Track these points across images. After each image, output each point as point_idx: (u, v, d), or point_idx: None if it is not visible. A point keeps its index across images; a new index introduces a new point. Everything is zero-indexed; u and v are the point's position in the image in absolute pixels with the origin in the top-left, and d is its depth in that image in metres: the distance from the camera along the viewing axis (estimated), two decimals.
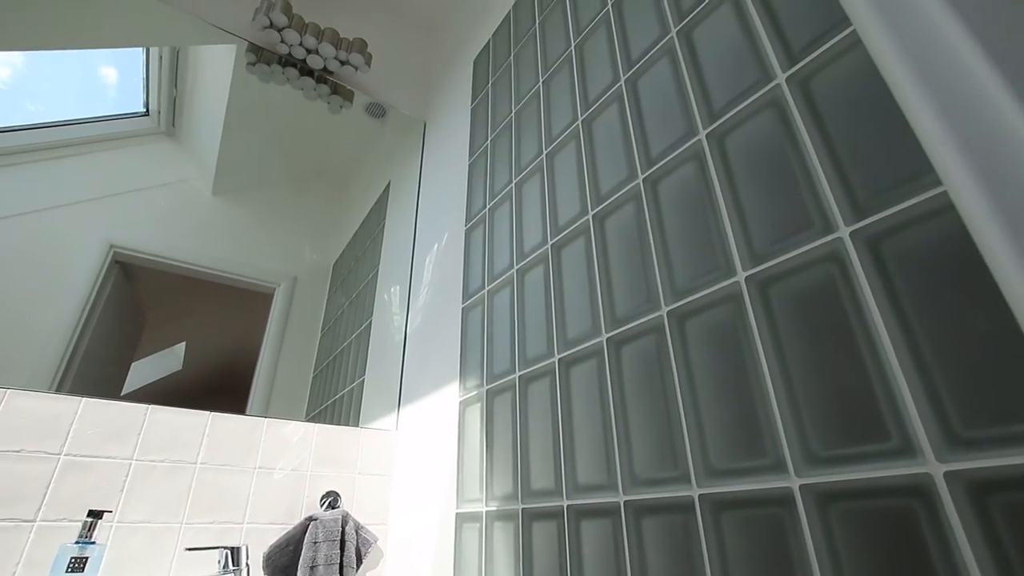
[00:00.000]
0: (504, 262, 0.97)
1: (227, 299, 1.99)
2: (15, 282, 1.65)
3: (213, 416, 1.03)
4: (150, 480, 0.94)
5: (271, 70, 1.60)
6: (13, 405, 0.88)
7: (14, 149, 1.66)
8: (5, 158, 1.63)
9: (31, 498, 0.84)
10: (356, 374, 1.37)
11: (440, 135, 1.60)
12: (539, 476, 0.75)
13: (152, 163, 1.90)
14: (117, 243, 1.73)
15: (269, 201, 2.02)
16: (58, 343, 1.54)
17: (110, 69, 1.60)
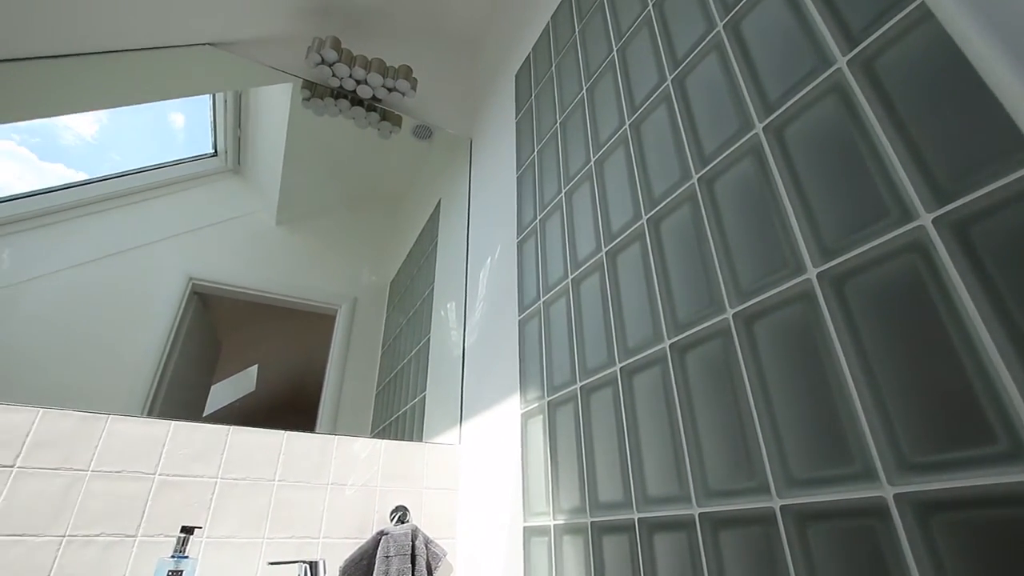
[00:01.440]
0: (558, 272, 0.97)
1: (294, 322, 2.09)
2: (110, 316, 1.80)
3: (288, 435, 1.08)
4: (233, 497, 1.00)
5: (324, 103, 1.69)
6: (113, 429, 0.96)
7: (106, 196, 1.82)
8: (99, 204, 1.79)
9: (132, 515, 0.91)
10: (417, 390, 1.40)
11: (486, 151, 1.63)
12: (607, 488, 0.74)
13: (222, 199, 2.04)
14: (195, 275, 1.85)
15: (328, 227, 2.12)
16: (147, 370, 1.67)
17: (178, 115, 1.73)
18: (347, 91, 1.69)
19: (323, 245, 2.08)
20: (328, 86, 1.68)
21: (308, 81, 1.67)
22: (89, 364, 1.67)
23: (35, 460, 0.88)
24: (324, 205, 2.12)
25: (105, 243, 1.84)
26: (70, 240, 1.81)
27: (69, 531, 0.87)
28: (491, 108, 1.67)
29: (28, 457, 0.88)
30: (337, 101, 1.69)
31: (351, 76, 1.63)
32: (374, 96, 1.70)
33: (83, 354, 1.67)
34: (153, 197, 1.97)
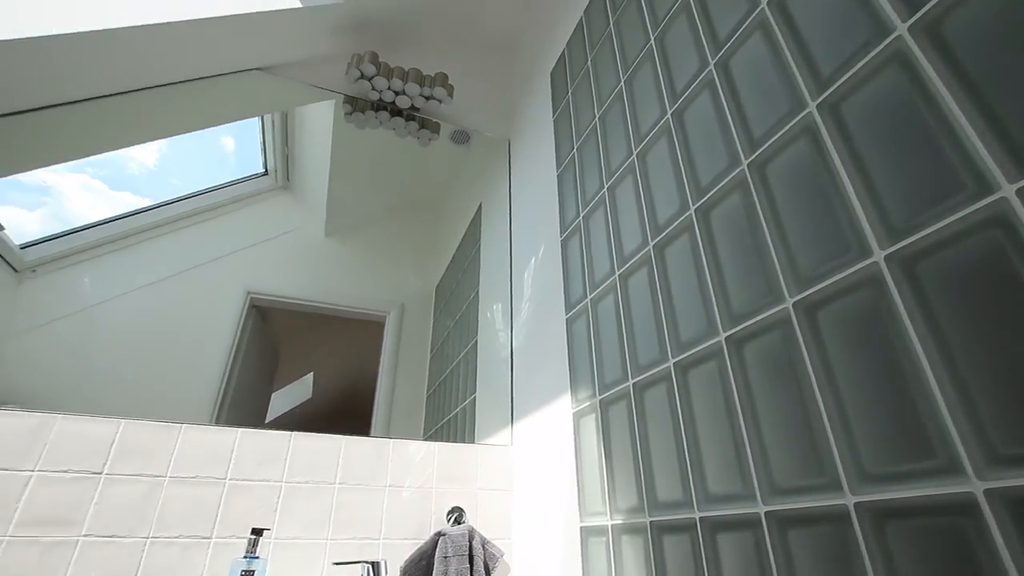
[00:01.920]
0: (604, 269, 0.96)
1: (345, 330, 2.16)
2: (180, 331, 1.91)
3: (346, 440, 1.12)
4: (298, 500, 1.04)
5: (365, 117, 1.74)
6: (187, 438, 1.01)
7: (169, 219, 1.93)
8: (165, 227, 1.90)
9: (207, 518, 0.97)
10: (467, 392, 1.42)
11: (525, 151, 1.63)
12: (665, 487, 0.72)
13: (274, 216, 2.13)
14: (252, 289, 1.94)
15: (374, 236, 2.17)
16: (214, 381, 1.76)
17: (229, 139, 1.82)
18: (386, 103, 1.74)
19: (370, 254, 2.14)
20: (368, 99, 1.72)
21: (349, 96, 1.72)
22: (163, 377, 1.78)
23: (120, 467, 0.95)
24: (370, 215, 2.17)
25: (171, 263, 1.95)
26: (141, 262, 1.94)
27: (152, 533, 0.92)
28: (527, 108, 1.67)
29: (114, 464, 0.95)
30: (377, 113, 1.73)
31: (389, 88, 1.67)
32: (412, 106, 1.74)
33: (157, 367, 1.78)
34: (212, 217, 2.08)
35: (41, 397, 1.74)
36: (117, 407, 1.06)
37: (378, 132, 1.79)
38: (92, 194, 1.89)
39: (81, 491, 0.91)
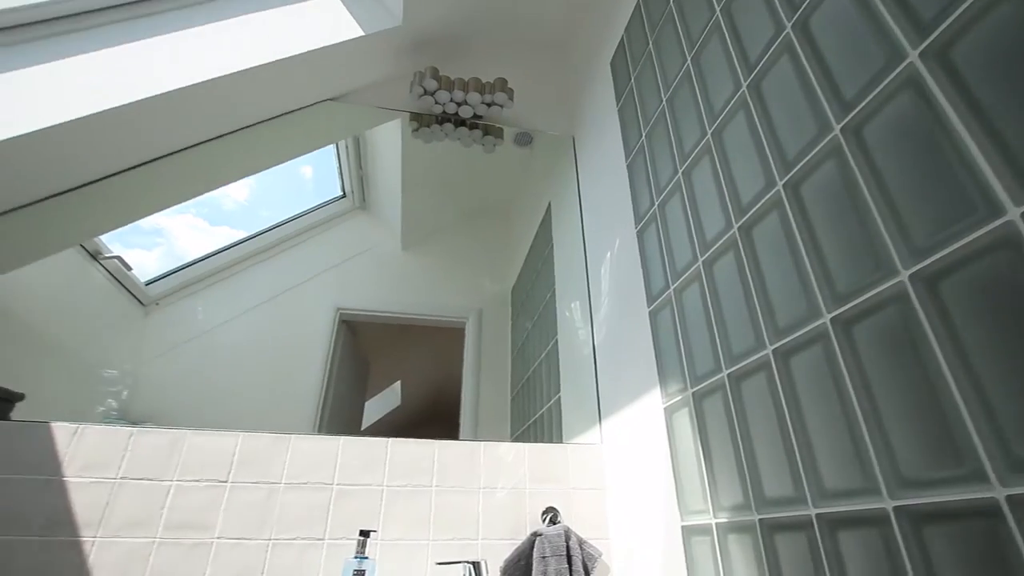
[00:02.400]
0: (686, 257, 0.92)
1: (428, 338, 2.23)
2: (281, 349, 2.06)
3: (439, 444, 1.15)
4: (398, 503, 1.08)
5: (431, 131, 1.79)
6: (296, 447, 1.09)
7: (262, 248, 2.09)
8: (260, 255, 2.06)
9: (319, 520, 1.03)
10: (551, 392, 1.41)
11: (590, 145, 1.60)
12: (773, 482, 0.68)
13: (355, 235, 2.24)
14: (341, 305, 2.05)
15: (448, 245, 2.23)
16: (313, 393, 1.88)
17: (307, 167, 1.94)
18: (450, 115, 1.78)
19: (446, 263, 2.20)
20: (432, 113, 1.78)
21: (414, 113, 1.79)
22: (270, 391, 1.93)
23: (242, 476, 1.04)
24: (442, 225, 2.23)
25: (269, 287, 2.11)
26: (243, 288, 2.11)
27: (273, 535, 1.00)
28: (589, 102, 1.65)
29: (237, 473, 1.04)
30: (442, 126, 1.78)
31: (452, 99, 1.71)
32: (475, 114, 1.77)
33: (265, 383, 1.93)
34: (300, 242, 2.23)
35: (172, 415, 1.95)
36: (234, 421, 1.17)
37: (444, 144, 1.84)
38: (196, 231, 2.10)
39: (212, 498, 1.01)
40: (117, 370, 1.86)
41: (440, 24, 1.71)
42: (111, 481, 0.99)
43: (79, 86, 1.22)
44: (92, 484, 0.98)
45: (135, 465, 1.01)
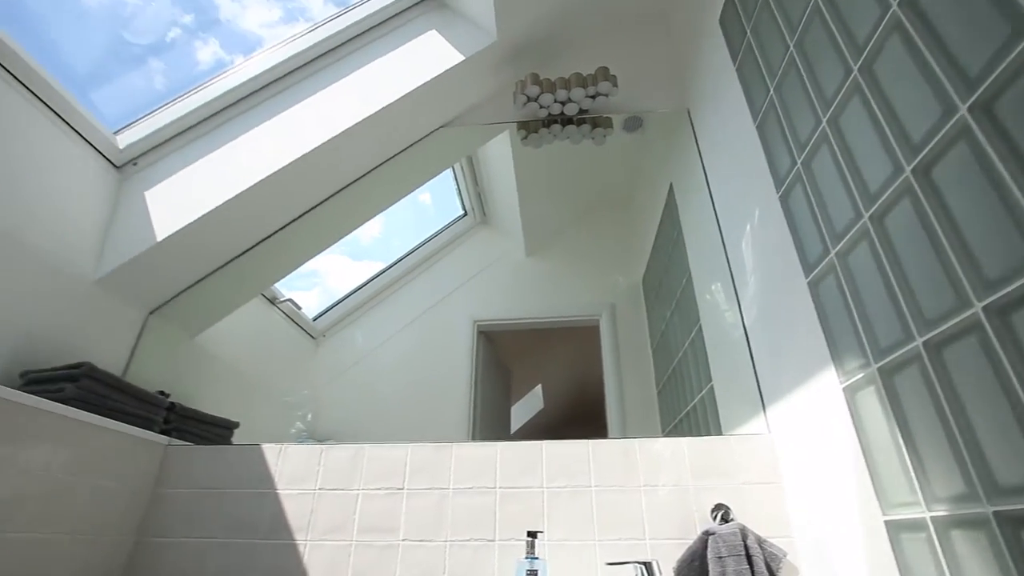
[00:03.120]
0: (847, 215, 0.81)
1: (563, 339, 2.24)
2: (430, 363, 2.21)
3: (592, 443, 1.14)
4: (559, 504, 1.09)
5: (540, 135, 1.81)
6: (458, 454, 1.16)
7: (401, 274, 2.26)
8: (400, 281, 2.23)
9: (487, 522, 1.08)
10: (702, 381, 1.33)
11: (709, 115, 1.49)
12: (1007, 467, 0.56)
13: (481, 249, 2.34)
14: (477, 317, 2.15)
15: (570, 245, 2.22)
16: (464, 403, 1.98)
17: (426, 194, 2.06)
18: (556, 115, 1.78)
19: (571, 262, 2.19)
20: (538, 118, 1.79)
21: (521, 122, 1.82)
22: (426, 403, 2.08)
23: (415, 483, 1.13)
24: (563, 225, 2.24)
25: (411, 309, 2.29)
26: (390, 313, 2.32)
27: (449, 537, 1.07)
28: (702, 68, 1.54)
29: (410, 481, 1.13)
30: (550, 128, 1.79)
31: (556, 100, 1.71)
32: (580, 109, 1.75)
33: (420, 396, 2.08)
34: (433, 263, 2.38)
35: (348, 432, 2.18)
36: (397, 433, 1.28)
37: (554, 146, 1.84)
38: (343, 267, 2.35)
39: (393, 504, 1.11)
40: (300, 396, 2.15)
41: (533, 29, 1.72)
42: (312, 492, 1.14)
43: (253, 155, 1.44)
44: (298, 495, 1.14)
45: (328, 477, 1.15)
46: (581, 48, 1.85)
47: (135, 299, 1.41)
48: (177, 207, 1.37)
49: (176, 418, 1.30)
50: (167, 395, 1.30)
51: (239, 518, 1.13)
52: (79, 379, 1.06)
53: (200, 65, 1.69)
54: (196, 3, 1.68)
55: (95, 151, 1.39)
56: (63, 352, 1.17)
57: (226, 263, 1.54)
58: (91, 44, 1.53)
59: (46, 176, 1.22)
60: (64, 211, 1.25)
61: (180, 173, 1.44)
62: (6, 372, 1.05)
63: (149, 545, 1.13)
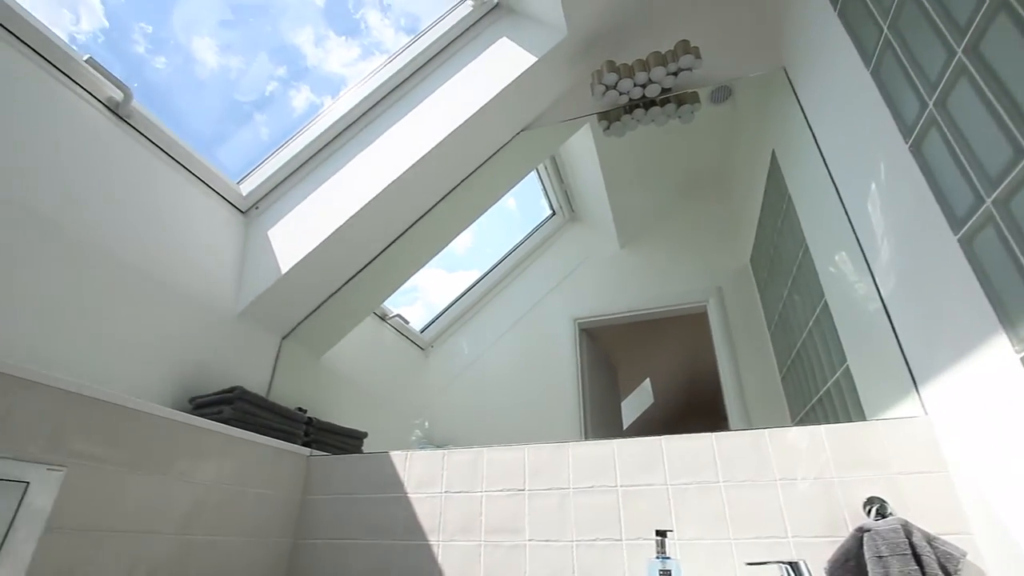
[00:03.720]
0: (1002, 155, 0.69)
1: (668, 330, 2.15)
2: (535, 365, 2.23)
3: (715, 436, 1.08)
4: (686, 501, 1.04)
5: (622, 123, 1.76)
6: (575, 453, 1.15)
7: (497, 280, 2.30)
8: (497, 288, 2.28)
9: (612, 522, 1.06)
10: (834, 362, 1.21)
11: (810, 69, 1.36)
12: None
13: (573, 246, 2.33)
14: (576, 315, 2.13)
15: (666, 231, 2.14)
16: (572, 403, 1.98)
17: (511, 200, 2.08)
18: (637, 100, 1.72)
19: (668, 249, 2.10)
20: (619, 106, 1.74)
21: (601, 113, 1.78)
22: (534, 405, 2.10)
23: (535, 484, 1.14)
24: (656, 212, 2.16)
25: (511, 313, 2.32)
26: (490, 320, 2.37)
27: (575, 537, 1.07)
28: (796, 21, 1.40)
29: (530, 482, 1.15)
30: (632, 114, 1.73)
31: (636, 84, 1.66)
32: (663, 89, 1.68)
33: (528, 399, 2.11)
34: (527, 267, 2.40)
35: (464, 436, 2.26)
36: (511, 435, 1.30)
37: (638, 132, 1.78)
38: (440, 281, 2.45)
39: (516, 505, 1.13)
40: (417, 405, 2.27)
41: (602, 17, 1.68)
42: (439, 495, 1.20)
43: (353, 185, 1.56)
44: (427, 498, 1.20)
45: (452, 480, 1.20)
46: (656, 26, 1.78)
47: (270, 327, 1.58)
48: (295, 241, 1.52)
49: (314, 431, 1.43)
50: (304, 411, 1.44)
51: (376, 521, 1.21)
52: (234, 401, 1.20)
53: (296, 111, 1.87)
54: (286, 56, 1.85)
55: (225, 201, 1.58)
56: (219, 378, 1.34)
57: (341, 287, 1.67)
58: (209, 108, 1.75)
59: (190, 228, 1.41)
60: (207, 257, 1.43)
61: (294, 210, 1.59)
62: (178, 398, 1.23)
63: (304, 546, 1.25)
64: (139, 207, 1.27)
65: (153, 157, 1.35)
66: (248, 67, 1.81)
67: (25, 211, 1.00)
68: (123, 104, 1.27)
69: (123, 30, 1.44)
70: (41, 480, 0.80)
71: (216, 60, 1.71)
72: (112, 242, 1.16)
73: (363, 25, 1.95)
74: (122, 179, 1.25)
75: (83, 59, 1.20)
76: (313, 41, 1.88)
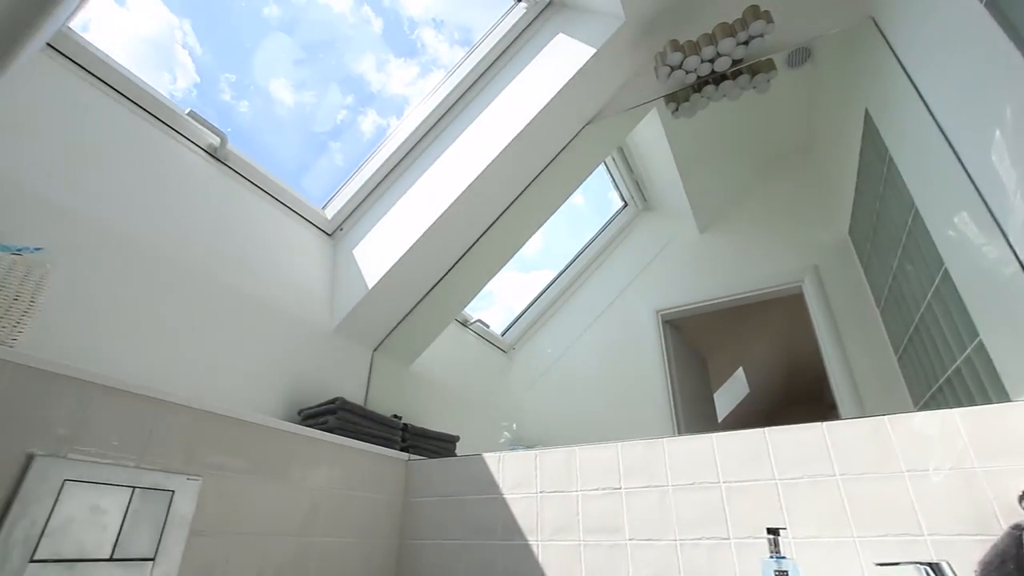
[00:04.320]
0: None
1: (759, 315, 2.03)
2: (618, 361, 2.18)
3: (827, 426, 1.00)
4: (798, 496, 0.97)
5: (692, 103, 1.68)
6: (670, 450, 1.11)
7: (573, 278, 2.28)
8: (574, 285, 2.26)
9: (718, 520, 1.01)
10: (964, 337, 1.07)
11: (903, 12, 1.22)
12: None
13: (649, 237, 2.26)
14: (659, 307, 2.07)
15: (749, 211, 2.01)
16: (662, 398, 1.91)
17: (579, 197, 2.03)
18: (706, 76, 1.64)
19: (752, 230, 1.98)
20: (687, 85, 1.67)
21: (669, 95, 1.71)
22: (621, 401, 2.05)
23: (630, 482, 1.12)
24: (735, 192, 2.04)
25: (590, 310, 2.29)
26: (568, 318, 2.35)
27: (678, 536, 1.03)
28: None
29: (626, 480, 1.12)
30: (701, 92, 1.65)
31: (703, 60, 1.58)
32: (733, 61, 1.59)
33: (615, 395, 2.07)
34: (603, 261, 2.36)
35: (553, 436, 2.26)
36: (599, 432, 1.27)
37: (709, 110, 1.70)
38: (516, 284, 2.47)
39: (613, 504, 1.11)
40: (503, 407, 2.30)
41: None
42: (535, 495, 1.20)
43: (427, 198, 1.62)
44: (522, 498, 1.21)
45: (546, 480, 1.20)
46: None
47: (362, 340, 1.67)
48: (378, 257, 1.60)
49: (410, 436, 1.49)
50: (399, 417, 1.50)
51: (476, 521, 1.24)
52: (337, 411, 1.28)
53: (365, 135, 1.97)
54: (352, 85, 1.96)
55: (313, 226, 1.69)
56: (321, 390, 1.44)
57: (423, 297, 1.73)
58: (291, 142, 1.88)
59: (285, 254, 1.53)
60: (302, 279, 1.55)
61: (375, 228, 1.68)
62: (288, 411, 1.33)
63: (410, 547, 1.31)
64: (240, 238, 1.40)
65: (249, 192, 1.48)
66: (320, 100, 1.93)
67: (141, 247, 1.13)
68: (220, 148, 1.40)
69: (211, 82, 1.59)
70: (183, 488, 0.89)
71: (292, 98, 1.85)
72: (220, 272, 1.28)
73: (419, 44, 2.02)
74: (224, 215, 1.38)
75: (185, 112, 1.34)
76: (375, 67, 1.97)
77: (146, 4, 1.42)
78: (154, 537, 0.83)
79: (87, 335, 0.98)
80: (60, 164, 1.04)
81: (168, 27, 1.48)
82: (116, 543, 0.79)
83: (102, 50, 1.18)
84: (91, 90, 1.16)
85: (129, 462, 0.84)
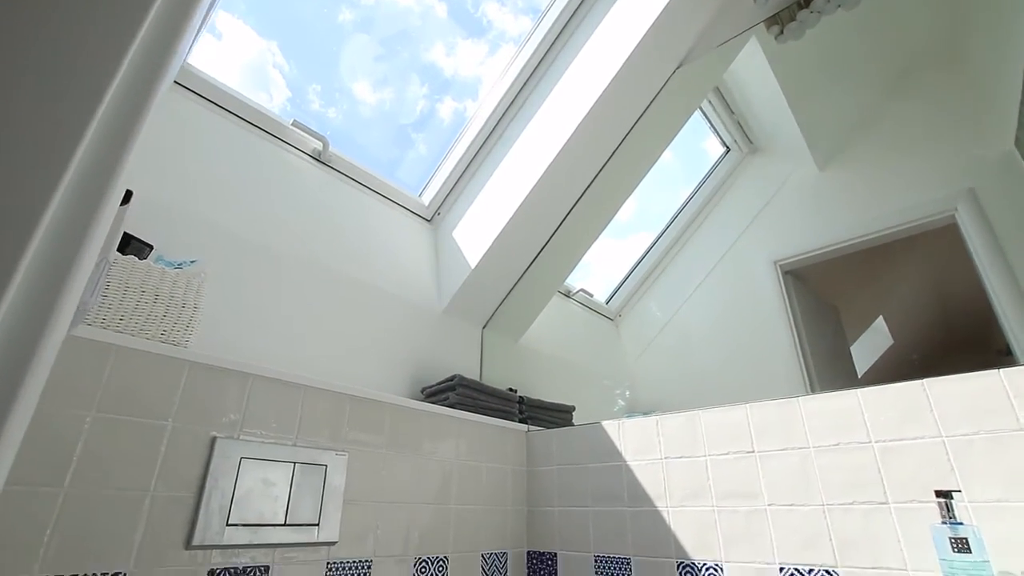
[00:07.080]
0: None
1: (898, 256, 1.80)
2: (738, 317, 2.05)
3: (1006, 372, 0.85)
4: (974, 456, 0.85)
5: (799, 22, 1.49)
6: (807, 409, 1.02)
7: (676, 236, 2.17)
8: (678, 244, 2.15)
9: (872, 483, 0.92)
10: None
11: None
12: None
13: (758, 181, 2.07)
14: (777, 258, 1.90)
15: (877, 136, 1.77)
16: (789, 355, 1.77)
17: (667, 153, 1.89)
18: None
19: (883, 159, 1.75)
20: (791, 2, 1.48)
21: (769, 19, 1.53)
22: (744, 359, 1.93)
23: (764, 444, 1.05)
24: (859, 119, 1.80)
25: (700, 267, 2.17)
26: (675, 277, 2.25)
27: (824, 500, 0.95)
28: None
29: (758, 443, 1.06)
30: (811, 5, 1.46)
31: None
32: None
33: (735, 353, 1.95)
34: (708, 214, 2.21)
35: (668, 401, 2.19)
36: (721, 395, 1.20)
37: (821, 26, 1.49)
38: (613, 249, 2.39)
39: (746, 467, 1.05)
40: (614, 375, 2.27)
41: None
42: (659, 461, 1.18)
43: (518, 171, 1.61)
44: (646, 464, 1.19)
45: (670, 446, 1.17)
46: None
47: (471, 319, 1.72)
48: (477, 237, 1.63)
49: (527, 408, 1.52)
50: (515, 391, 1.54)
51: (601, 488, 1.25)
52: (456, 388, 1.34)
53: (444, 122, 1.99)
54: (427, 75, 1.98)
55: (413, 214, 1.76)
56: (439, 368, 1.51)
57: (525, 271, 1.74)
58: (380, 137, 1.97)
59: (392, 243, 1.61)
60: (410, 265, 1.62)
61: (471, 209, 1.71)
62: (412, 389, 1.42)
63: (538, 513, 1.35)
64: (351, 233, 1.49)
65: (353, 190, 1.58)
66: (399, 94, 1.99)
67: (271, 250, 1.25)
68: (323, 151, 1.50)
69: (301, 93, 1.71)
70: (334, 463, 0.99)
71: (373, 97, 1.92)
72: (339, 266, 1.38)
73: (484, 21, 1.99)
74: (335, 213, 1.48)
75: (289, 123, 1.44)
76: (445, 52, 1.98)
77: (238, 32, 1.54)
78: (316, 506, 0.94)
79: (234, 332, 1.11)
80: (197, 184, 1.18)
81: (259, 51, 1.59)
82: (287, 511, 0.90)
83: (214, 78, 1.31)
84: (211, 115, 1.29)
85: (287, 441, 0.95)
